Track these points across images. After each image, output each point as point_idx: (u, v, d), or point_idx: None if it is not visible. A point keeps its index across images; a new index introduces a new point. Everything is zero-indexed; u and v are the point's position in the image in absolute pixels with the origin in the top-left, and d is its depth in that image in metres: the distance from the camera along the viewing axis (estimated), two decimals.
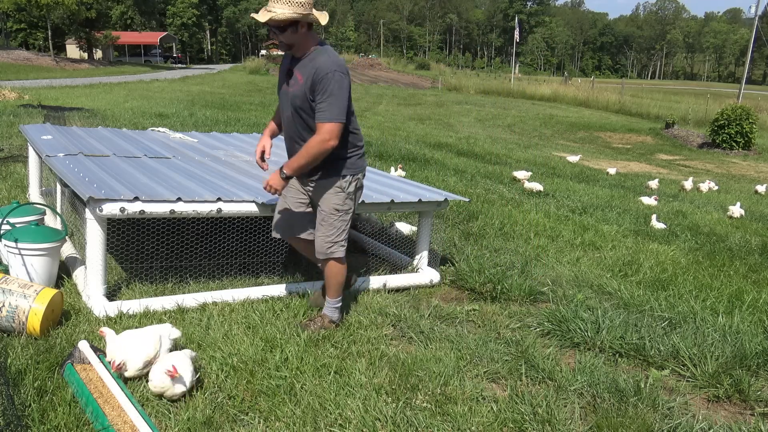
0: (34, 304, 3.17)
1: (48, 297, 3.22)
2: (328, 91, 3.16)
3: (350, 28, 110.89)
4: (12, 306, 3.16)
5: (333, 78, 3.15)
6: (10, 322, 3.15)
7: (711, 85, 78.35)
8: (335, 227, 3.49)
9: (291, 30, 3.18)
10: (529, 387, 3.11)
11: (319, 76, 3.16)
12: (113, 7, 59.01)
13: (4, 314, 3.15)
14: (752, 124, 18.94)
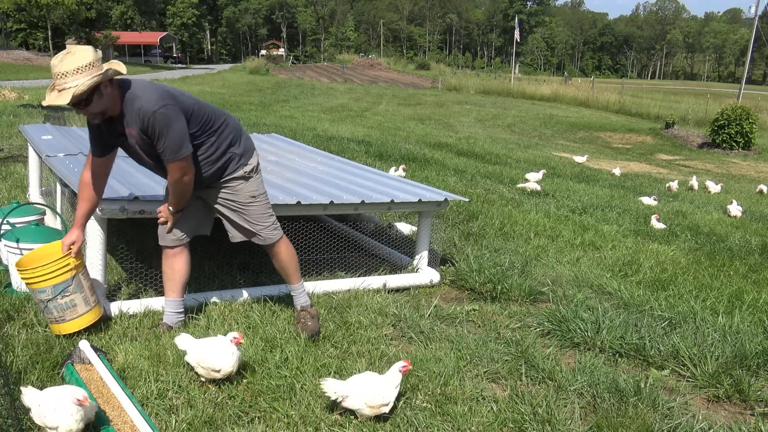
0: (82, 316, 3.24)
1: (95, 317, 3.32)
2: (158, 132, 2.95)
3: (350, 28, 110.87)
4: (71, 303, 3.19)
5: (156, 119, 2.91)
6: (55, 313, 3.17)
7: (711, 85, 78.38)
8: (261, 212, 3.42)
9: (97, 97, 2.85)
10: (529, 387, 3.11)
11: (144, 122, 2.94)
12: (113, 7, 59.05)
13: (62, 302, 3.16)
14: (752, 124, 18.94)
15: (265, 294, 3.95)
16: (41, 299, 3.18)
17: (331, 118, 18.63)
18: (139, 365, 2.96)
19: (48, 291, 3.16)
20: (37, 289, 3.18)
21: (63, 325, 3.20)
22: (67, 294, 3.17)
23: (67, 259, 3.20)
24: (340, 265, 4.67)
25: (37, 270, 3.16)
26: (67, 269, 3.19)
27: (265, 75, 43.45)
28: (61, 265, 3.18)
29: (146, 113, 2.91)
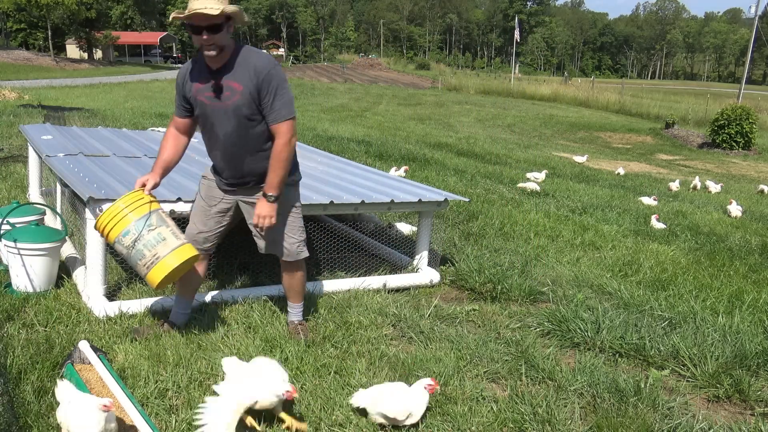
0: (177, 248, 2.96)
1: (192, 250, 3.04)
2: (275, 88, 2.92)
3: (350, 28, 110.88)
4: (160, 237, 2.92)
5: (276, 74, 2.92)
6: (147, 253, 2.92)
7: (711, 85, 78.37)
8: (298, 225, 3.30)
9: (225, 30, 2.84)
10: (529, 387, 3.10)
11: (262, 76, 2.89)
12: (113, 7, 59.05)
13: (150, 237, 2.91)
14: (752, 124, 18.94)
15: (265, 294, 3.95)
16: (127, 244, 2.88)
17: (331, 118, 18.64)
18: (139, 365, 2.96)
19: (131, 229, 2.88)
20: (121, 233, 2.88)
21: (161, 264, 2.90)
22: (152, 227, 2.90)
23: (140, 194, 2.99)
24: (340, 265, 4.67)
25: (113, 209, 2.92)
26: (143, 202, 2.95)
27: None
28: (135, 198, 2.96)
29: (267, 66, 2.90)
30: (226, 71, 2.92)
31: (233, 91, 2.92)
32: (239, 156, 3.07)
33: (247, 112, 2.95)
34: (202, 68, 2.99)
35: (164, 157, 3.13)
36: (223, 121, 2.99)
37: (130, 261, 2.97)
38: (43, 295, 3.70)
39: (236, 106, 2.94)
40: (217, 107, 2.97)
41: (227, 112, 2.97)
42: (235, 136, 3.01)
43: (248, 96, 2.92)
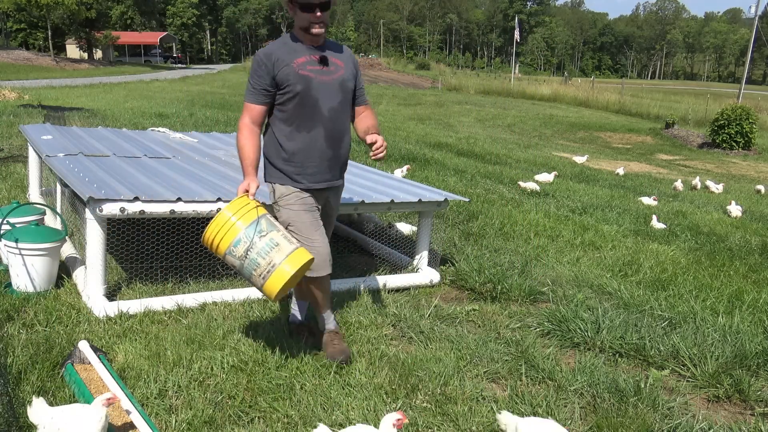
0: (293, 252, 2.76)
1: (308, 254, 2.84)
2: (360, 72, 3.22)
3: (350, 28, 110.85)
4: (273, 243, 2.70)
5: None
6: (262, 262, 2.71)
7: (711, 85, 78.36)
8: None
9: (333, 5, 3.01)
10: (529, 387, 3.11)
11: (353, 58, 3.15)
12: (113, 7, 59.06)
13: (262, 244, 2.70)
14: (752, 124, 18.94)
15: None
16: (239, 254, 2.67)
17: None
18: (139, 365, 2.96)
19: (241, 238, 2.70)
20: (231, 244, 2.70)
21: (278, 272, 2.71)
22: (263, 233, 2.71)
23: (245, 199, 2.83)
24: (340, 265, 4.67)
25: (219, 219, 2.76)
26: (250, 208, 2.77)
27: None
28: (240, 205, 2.79)
29: (351, 53, 3.18)
30: (326, 49, 3.04)
31: (337, 66, 3.03)
32: (341, 133, 3.10)
33: (351, 86, 3.10)
34: (297, 47, 2.99)
35: (253, 156, 3.02)
36: (330, 95, 3.00)
37: (243, 274, 2.77)
38: (43, 295, 3.70)
39: (343, 79, 3.04)
40: (323, 81, 2.99)
41: (333, 85, 3.01)
42: (340, 110, 3.06)
43: (350, 72, 3.09)
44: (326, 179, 3.13)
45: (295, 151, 3.03)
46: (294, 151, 3.03)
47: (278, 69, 2.94)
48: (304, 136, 3.02)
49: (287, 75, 2.93)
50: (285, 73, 2.93)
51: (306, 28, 2.93)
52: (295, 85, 2.94)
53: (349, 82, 3.08)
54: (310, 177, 3.07)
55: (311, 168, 3.06)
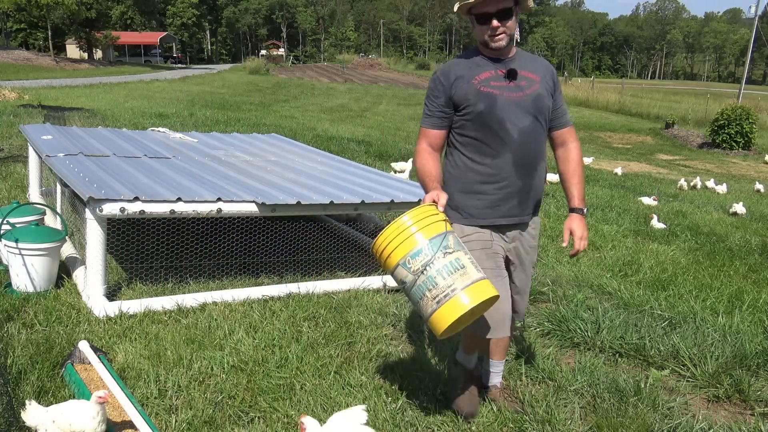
0: (479, 282, 2.25)
1: (494, 289, 2.31)
2: (560, 88, 2.65)
3: (350, 28, 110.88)
4: (459, 264, 2.20)
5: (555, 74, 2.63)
6: (441, 283, 2.19)
7: (711, 85, 78.35)
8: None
9: (516, 14, 2.48)
10: (529, 387, 3.10)
11: (551, 70, 2.60)
12: (113, 7, 59.04)
13: (446, 262, 2.20)
14: (752, 124, 18.93)
15: (265, 294, 3.95)
16: (416, 268, 2.17)
17: (331, 118, 18.63)
18: (139, 365, 2.96)
19: (423, 249, 2.21)
20: (409, 254, 2.19)
21: (455, 301, 2.19)
22: (448, 250, 2.22)
23: (432, 209, 2.34)
24: (340, 265, 4.67)
25: (398, 226, 2.26)
26: (437, 219, 2.30)
27: (265, 75, 43.45)
28: (426, 213, 2.31)
29: (548, 64, 2.63)
30: (513, 60, 2.54)
31: (530, 80, 2.53)
32: (534, 159, 2.56)
33: (548, 103, 2.56)
34: (478, 62, 2.54)
35: (435, 172, 2.53)
36: (519, 114, 2.50)
37: (412, 296, 2.25)
38: (43, 295, 3.70)
39: (537, 95, 2.52)
40: (511, 98, 2.49)
41: (524, 103, 2.50)
42: (532, 132, 2.52)
43: (546, 87, 2.55)
44: (514, 214, 2.59)
45: (477, 181, 2.55)
46: (476, 181, 2.55)
47: (456, 87, 2.51)
48: (489, 163, 2.53)
49: (466, 93, 2.49)
50: (464, 91, 2.49)
51: (485, 43, 2.48)
52: (477, 105, 2.48)
53: (545, 99, 2.54)
54: (494, 211, 2.56)
55: (497, 201, 2.55)
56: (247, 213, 3.86)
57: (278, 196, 4.02)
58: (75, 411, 2.30)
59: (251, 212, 3.86)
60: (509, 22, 2.43)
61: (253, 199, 3.87)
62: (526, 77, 2.51)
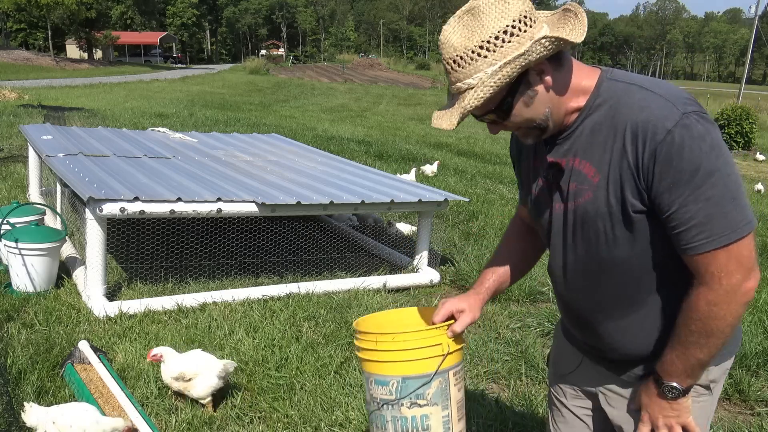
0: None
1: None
2: (690, 171, 1.19)
3: (350, 28, 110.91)
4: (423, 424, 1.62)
5: (691, 138, 1.19)
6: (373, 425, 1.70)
7: (711, 85, 78.36)
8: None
9: (522, 95, 1.29)
10: (529, 387, 3.10)
11: (651, 145, 1.22)
12: (113, 7, 59.08)
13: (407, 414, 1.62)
14: (752, 124, 18.94)
15: (265, 294, 3.95)
16: (376, 396, 1.66)
17: (331, 118, 18.64)
18: (139, 365, 2.96)
19: (390, 384, 1.65)
20: (374, 376, 1.65)
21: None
22: (419, 401, 1.64)
23: (438, 335, 1.61)
24: (340, 265, 4.68)
25: (378, 339, 1.63)
26: (432, 354, 1.60)
27: (265, 75, 43.45)
28: (423, 342, 1.61)
29: (662, 122, 1.20)
30: (568, 136, 1.37)
31: (578, 174, 1.36)
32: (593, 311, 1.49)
33: (599, 221, 1.36)
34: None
35: (489, 278, 1.73)
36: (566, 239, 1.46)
37: (367, 406, 1.73)
38: (43, 295, 3.70)
39: (583, 210, 1.37)
40: (555, 211, 1.46)
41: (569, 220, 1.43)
42: (584, 272, 1.45)
43: (615, 189, 1.30)
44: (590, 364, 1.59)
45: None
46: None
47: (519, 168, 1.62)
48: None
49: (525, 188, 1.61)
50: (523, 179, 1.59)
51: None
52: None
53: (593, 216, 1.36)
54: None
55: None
56: (247, 213, 3.86)
57: (278, 196, 4.02)
58: (76, 413, 2.30)
59: (251, 212, 3.86)
60: (510, 118, 1.32)
61: (253, 199, 3.87)
62: (579, 174, 1.36)
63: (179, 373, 2.64)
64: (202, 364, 2.68)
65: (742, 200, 1.22)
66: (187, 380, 2.65)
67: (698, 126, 1.20)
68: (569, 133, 1.36)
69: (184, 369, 2.65)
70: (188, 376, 2.64)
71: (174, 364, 2.67)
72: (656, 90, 1.26)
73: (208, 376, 2.65)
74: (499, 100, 1.28)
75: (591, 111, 1.32)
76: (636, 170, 1.24)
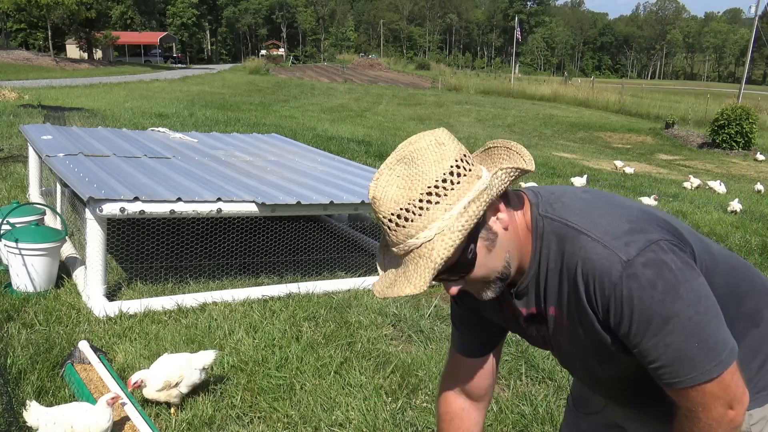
0: None
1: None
2: (644, 321, 1.11)
3: (350, 28, 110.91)
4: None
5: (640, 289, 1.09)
6: None
7: (711, 85, 78.35)
8: None
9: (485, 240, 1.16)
10: (529, 387, 3.10)
11: (603, 301, 1.15)
12: (113, 7, 59.08)
13: None
14: (752, 124, 18.92)
15: (265, 294, 3.95)
16: None
17: (331, 118, 18.64)
18: (138, 365, 2.96)
19: None
20: None
21: None
22: None
23: None
24: (340, 265, 4.67)
25: None
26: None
27: (265, 75, 43.44)
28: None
29: (601, 283, 1.13)
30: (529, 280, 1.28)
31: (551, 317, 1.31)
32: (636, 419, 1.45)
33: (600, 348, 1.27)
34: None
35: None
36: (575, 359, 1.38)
37: None
38: (43, 295, 3.70)
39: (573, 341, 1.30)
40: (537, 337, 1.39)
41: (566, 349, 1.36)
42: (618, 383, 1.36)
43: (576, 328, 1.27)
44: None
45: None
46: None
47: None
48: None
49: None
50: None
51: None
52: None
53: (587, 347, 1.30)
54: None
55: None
56: (247, 213, 3.86)
57: (278, 196, 4.02)
58: (77, 413, 2.30)
59: (251, 212, 3.86)
60: (470, 276, 1.17)
61: (253, 199, 3.87)
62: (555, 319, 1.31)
63: (165, 382, 2.60)
64: (182, 364, 2.67)
65: (710, 340, 1.10)
66: (174, 385, 2.62)
67: (646, 271, 1.08)
68: (530, 280, 1.24)
69: (167, 377, 2.61)
70: (175, 380, 2.61)
71: (155, 378, 2.61)
72: (593, 233, 1.13)
73: (190, 372, 2.66)
74: (461, 249, 1.11)
75: (541, 255, 1.21)
76: (597, 317, 1.17)
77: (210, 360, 2.78)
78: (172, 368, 2.64)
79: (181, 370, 2.64)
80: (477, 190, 1.09)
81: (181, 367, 2.65)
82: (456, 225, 1.07)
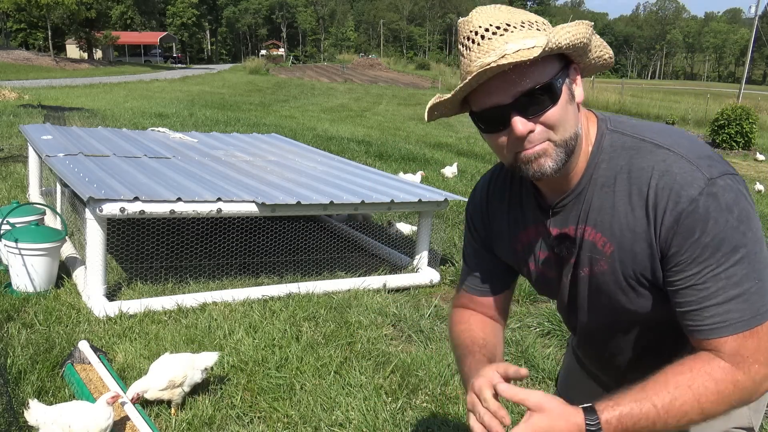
0: None
1: None
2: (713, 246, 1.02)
3: (350, 28, 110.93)
4: None
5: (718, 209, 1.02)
6: None
7: (711, 85, 78.35)
8: None
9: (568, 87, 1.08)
10: (529, 387, 3.10)
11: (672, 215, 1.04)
12: (113, 7, 59.06)
13: None
14: (752, 124, 18.93)
15: (265, 294, 3.95)
16: None
17: (331, 118, 18.63)
18: (138, 365, 2.96)
19: None
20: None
21: None
22: None
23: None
24: (340, 265, 4.68)
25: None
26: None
27: (265, 75, 43.44)
28: None
29: (677, 196, 1.04)
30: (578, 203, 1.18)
31: (595, 250, 1.18)
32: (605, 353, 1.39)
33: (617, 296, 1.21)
34: (519, 201, 1.30)
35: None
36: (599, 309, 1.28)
37: None
38: (43, 295, 3.70)
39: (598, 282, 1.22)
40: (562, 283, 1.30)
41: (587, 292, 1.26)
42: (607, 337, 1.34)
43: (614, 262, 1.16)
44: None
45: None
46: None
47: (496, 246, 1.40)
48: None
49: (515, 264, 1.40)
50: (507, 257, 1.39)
51: (511, 166, 1.16)
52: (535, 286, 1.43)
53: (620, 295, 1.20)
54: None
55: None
56: (247, 213, 3.86)
57: (278, 196, 4.02)
58: (75, 412, 2.30)
59: (251, 212, 3.86)
60: (550, 112, 1.05)
61: (253, 199, 3.87)
62: (591, 246, 1.18)
63: (169, 381, 2.60)
64: (186, 364, 2.67)
65: (767, 283, 1.04)
66: (178, 385, 2.63)
67: (727, 194, 1.02)
68: (574, 196, 1.16)
69: (172, 376, 2.61)
70: (179, 380, 2.62)
71: (156, 380, 2.60)
72: (675, 149, 1.07)
73: (193, 372, 2.68)
74: (551, 75, 1.04)
75: (596, 170, 1.13)
76: (652, 242, 1.07)
77: (212, 362, 2.80)
78: (177, 368, 2.64)
79: (185, 370, 2.65)
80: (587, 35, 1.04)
81: (185, 368, 2.66)
82: (563, 34, 1.00)
